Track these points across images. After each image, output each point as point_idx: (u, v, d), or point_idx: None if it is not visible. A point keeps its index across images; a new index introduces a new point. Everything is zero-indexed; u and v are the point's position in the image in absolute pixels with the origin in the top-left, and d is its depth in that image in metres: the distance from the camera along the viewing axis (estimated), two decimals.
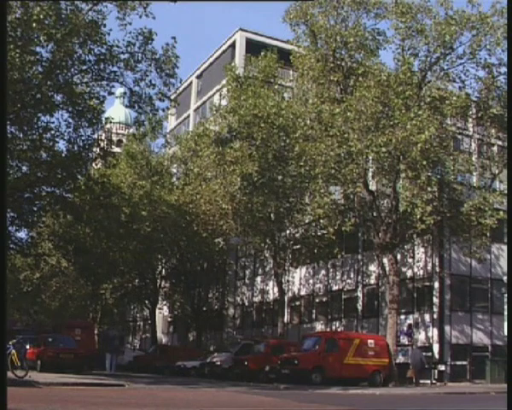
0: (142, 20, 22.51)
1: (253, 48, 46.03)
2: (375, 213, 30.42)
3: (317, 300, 41.13)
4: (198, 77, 63.15)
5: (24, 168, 26.38)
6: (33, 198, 27.95)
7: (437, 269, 33.11)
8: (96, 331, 47.70)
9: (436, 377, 31.19)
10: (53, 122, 24.92)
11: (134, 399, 14.17)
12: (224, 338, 47.38)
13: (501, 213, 27.55)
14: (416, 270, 34.29)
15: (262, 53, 36.17)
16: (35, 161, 25.47)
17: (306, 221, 36.65)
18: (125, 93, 24.88)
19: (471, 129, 36.52)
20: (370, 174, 31.02)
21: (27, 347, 28.25)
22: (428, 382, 30.75)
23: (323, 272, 40.31)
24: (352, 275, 38.49)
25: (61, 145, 26.12)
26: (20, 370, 21.01)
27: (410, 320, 33.74)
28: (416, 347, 31.84)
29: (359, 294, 37.70)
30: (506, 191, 27.41)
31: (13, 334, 28.01)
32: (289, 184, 33.82)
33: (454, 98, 28.23)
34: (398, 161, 27.57)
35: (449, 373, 31.88)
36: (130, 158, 41.40)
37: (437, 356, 32.03)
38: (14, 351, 21.18)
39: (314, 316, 40.94)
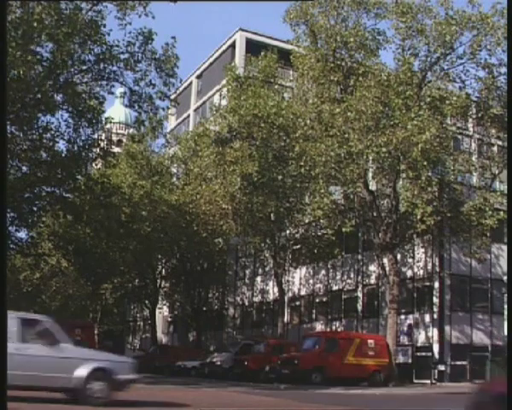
0: (141, 20, 22.56)
1: (253, 48, 45.98)
2: (375, 213, 30.41)
3: (317, 300, 41.12)
4: (198, 77, 63.11)
5: (24, 168, 26.37)
6: (33, 198, 27.92)
7: (437, 269, 33.10)
8: (96, 331, 47.71)
9: (436, 377, 31.18)
10: (53, 122, 24.96)
11: (134, 399, 14.14)
12: (224, 338, 47.37)
13: (501, 213, 27.56)
14: (416, 270, 34.27)
15: (262, 53, 36.14)
16: (35, 161, 25.46)
17: (306, 221, 36.63)
18: (124, 93, 24.90)
19: (471, 129, 36.51)
20: (370, 174, 31.02)
21: None
22: (428, 382, 30.77)
23: (323, 272, 40.29)
24: (351, 275, 38.47)
25: (61, 145, 26.13)
26: None
27: (410, 320, 33.71)
28: None
29: (359, 294, 37.68)
30: (506, 191, 27.41)
31: None
32: (289, 184, 33.80)
33: (454, 98, 28.22)
34: (398, 161, 27.57)
35: (449, 373, 31.87)
36: (131, 158, 41.36)
37: (437, 356, 32.02)
38: None
39: (314, 316, 40.92)
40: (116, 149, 39.58)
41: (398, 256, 32.00)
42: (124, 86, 24.21)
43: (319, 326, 39.83)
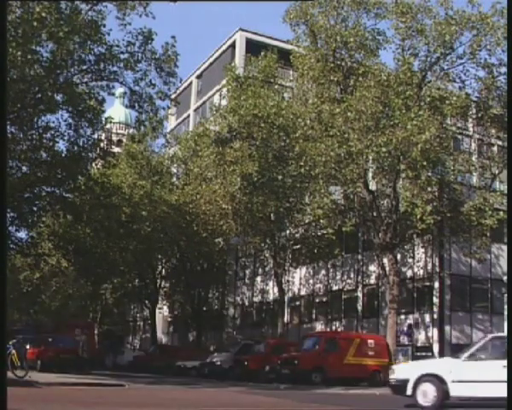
0: (141, 20, 22.55)
1: (253, 48, 45.98)
2: (375, 213, 30.41)
3: (317, 300, 41.12)
4: (198, 77, 63.12)
5: (24, 168, 26.38)
6: (33, 198, 27.95)
7: (437, 269, 33.11)
8: (96, 331, 47.70)
9: None
10: (53, 122, 24.97)
11: (134, 399, 14.18)
12: (224, 338, 47.37)
13: (501, 213, 27.57)
14: (416, 270, 34.28)
15: (262, 53, 36.15)
16: (35, 161, 25.48)
17: (306, 221, 36.63)
18: (124, 93, 24.89)
19: (471, 129, 36.51)
20: (370, 174, 31.02)
21: (27, 347, 28.24)
22: None
23: (323, 272, 40.29)
24: (352, 275, 38.47)
25: (61, 145, 26.14)
26: (20, 370, 21.00)
27: (410, 320, 33.73)
28: None
29: (359, 294, 37.68)
30: (506, 191, 27.40)
31: (13, 334, 28.02)
32: (289, 184, 33.80)
33: (454, 98, 28.23)
34: (398, 161, 27.57)
35: None
36: (131, 158, 41.34)
37: (437, 356, 32.01)
38: (14, 351, 21.17)
39: (314, 316, 40.92)
40: (116, 149, 39.59)
41: (398, 256, 32.00)
42: (124, 86, 24.21)
43: (319, 326, 39.84)
